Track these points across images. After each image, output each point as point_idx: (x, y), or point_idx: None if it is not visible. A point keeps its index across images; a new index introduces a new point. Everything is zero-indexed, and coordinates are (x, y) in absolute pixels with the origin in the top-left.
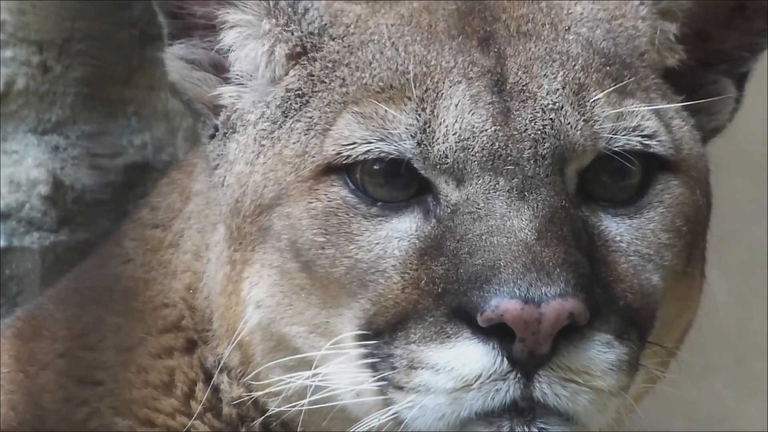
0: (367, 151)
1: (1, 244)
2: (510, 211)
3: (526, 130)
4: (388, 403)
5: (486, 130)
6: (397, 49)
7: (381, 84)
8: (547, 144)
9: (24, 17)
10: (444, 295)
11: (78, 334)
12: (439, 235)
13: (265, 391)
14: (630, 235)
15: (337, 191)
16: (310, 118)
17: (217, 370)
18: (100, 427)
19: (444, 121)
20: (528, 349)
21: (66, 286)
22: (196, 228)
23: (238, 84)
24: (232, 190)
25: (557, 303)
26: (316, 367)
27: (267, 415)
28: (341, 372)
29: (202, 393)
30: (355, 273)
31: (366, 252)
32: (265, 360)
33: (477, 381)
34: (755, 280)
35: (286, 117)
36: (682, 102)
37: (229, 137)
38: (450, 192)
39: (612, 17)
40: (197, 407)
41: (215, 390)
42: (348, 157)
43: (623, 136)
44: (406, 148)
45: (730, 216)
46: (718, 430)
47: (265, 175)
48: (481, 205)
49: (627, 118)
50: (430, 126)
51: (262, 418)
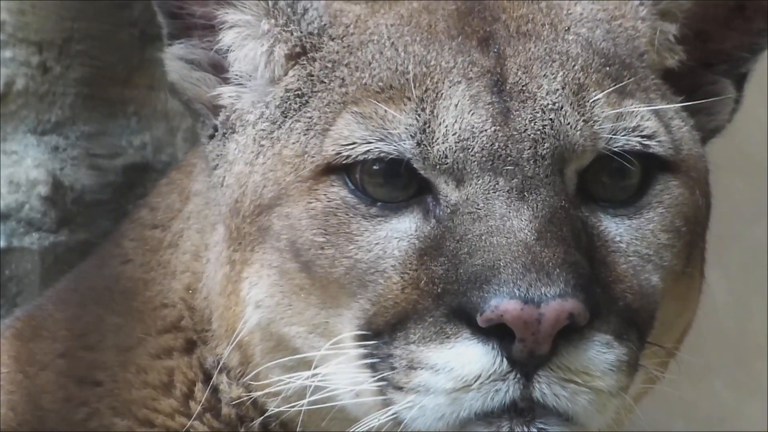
0: (367, 151)
1: (0, 244)
2: (510, 212)
3: (526, 130)
4: (388, 404)
5: (486, 131)
6: (396, 49)
7: (381, 84)
8: (546, 144)
9: (24, 17)
10: (443, 295)
11: (77, 335)
12: (439, 235)
13: (265, 392)
14: (629, 235)
15: (336, 191)
16: (310, 118)
17: (217, 371)
18: (99, 427)
19: (444, 121)
20: (528, 350)
21: (65, 286)
22: (195, 228)
23: (238, 84)
24: (232, 191)
25: (557, 303)
26: (315, 368)
27: (266, 415)
28: (341, 372)
29: (202, 393)
30: (354, 273)
31: (365, 252)
32: (264, 360)
33: (476, 381)
34: (755, 280)
35: (286, 117)
36: (682, 102)
37: (229, 137)
38: (450, 192)
39: (612, 18)
40: (196, 407)
41: (214, 390)
42: (347, 157)
43: (623, 136)
44: (406, 148)
45: (729, 216)
46: (717, 430)
47: (264, 176)
48: (481, 205)
49: (626, 118)
50: (429, 126)
51: (261, 419)
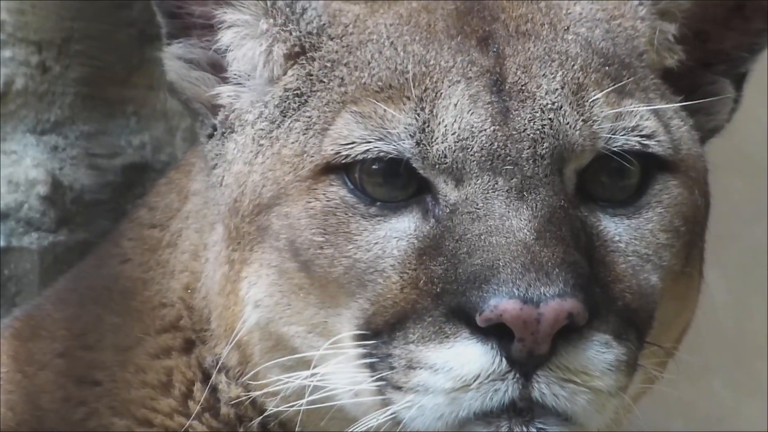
0: (366, 151)
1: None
2: (509, 211)
3: (525, 129)
4: (387, 403)
5: (485, 130)
6: (395, 49)
7: (380, 83)
8: (546, 144)
9: (23, 17)
10: (443, 295)
11: (76, 334)
12: (438, 234)
13: (264, 391)
14: (629, 235)
15: (335, 191)
16: (309, 117)
17: (215, 370)
18: (98, 427)
19: (443, 120)
20: (527, 349)
21: (64, 286)
22: (194, 228)
23: (236, 84)
24: (231, 190)
25: (556, 303)
26: (314, 367)
27: (265, 414)
28: (340, 372)
29: (200, 393)
30: (353, 273)
31: (365, 252)
32: (263, 360)
33: (475, 381)
34: (755, 280)
35: (285, 117)
36: (681, 102)
37: (228, 137)
38: (449, 192)
39: (611, 17)
40: (195, 407)
41: (213, 390)
42: (347, 157)
43: (622, 136)
44: (405, 147)
45: (729, 216)
46: (716, 430)
47: (263, 175)
48: (480, 205)
49: (626, 118)
50: (429, 126)
51: (260, 418)
